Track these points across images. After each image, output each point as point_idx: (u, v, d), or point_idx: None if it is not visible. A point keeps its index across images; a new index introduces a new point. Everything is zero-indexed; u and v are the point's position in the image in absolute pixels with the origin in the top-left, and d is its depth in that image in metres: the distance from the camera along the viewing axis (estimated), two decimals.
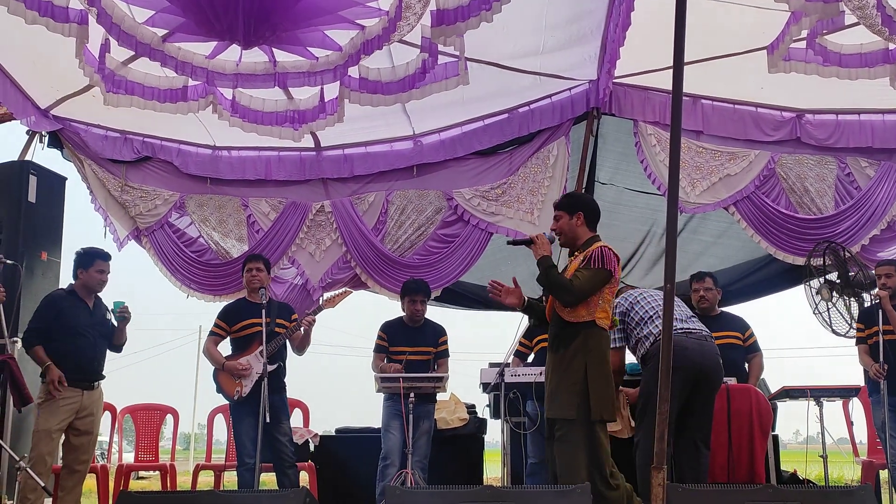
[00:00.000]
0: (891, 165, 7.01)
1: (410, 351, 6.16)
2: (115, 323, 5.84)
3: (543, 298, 6.32)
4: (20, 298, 6.27)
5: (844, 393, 6.05)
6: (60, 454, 5.89)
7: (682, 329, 4.99)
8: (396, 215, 7.55)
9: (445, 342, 6.30)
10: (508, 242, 5.30)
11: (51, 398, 5.51)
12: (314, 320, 6.09)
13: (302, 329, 6.07)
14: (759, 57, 5.78)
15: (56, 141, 7.32)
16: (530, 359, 6.48)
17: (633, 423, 5.47)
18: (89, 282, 5.76)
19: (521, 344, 6.27)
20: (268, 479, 6.45)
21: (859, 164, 7.11)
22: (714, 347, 5.05)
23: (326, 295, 6.81)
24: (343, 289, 6.66)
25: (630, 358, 5.48)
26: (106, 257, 5.83)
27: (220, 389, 5.96)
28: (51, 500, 5.71)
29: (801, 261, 6.94)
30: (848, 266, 6.72)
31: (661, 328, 5.01)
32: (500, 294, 4.90)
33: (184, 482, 8.49)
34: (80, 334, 5.66)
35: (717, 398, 5.22)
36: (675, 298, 5.27)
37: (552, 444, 4.50)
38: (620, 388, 5.54)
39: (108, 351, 5.89)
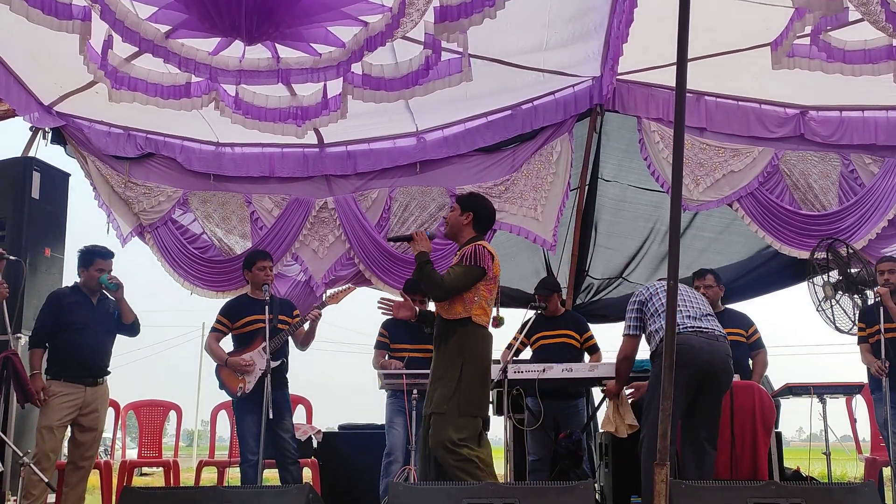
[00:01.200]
0: (894, 162, 6.99)
1: (411, 348, 6.16)
2: (114, 302, 5.81)
3: (537, 298, 6.34)
4: (23, 294, 6.28)
5: (847, 390, 6.04)
6: (65, 450, 5.90)
7: (692, 327, 4.97)
8: (399, 212, 7.55)
9: None
10: (388, 238, 5.31)
11: (52, 395, 5.52)
12: (320, 314, 6.10)
13: (306, 325, 6.08)
14: (763, 53, 5.77)
15: (59, 137, 7.32)
16: (526, 356, 6.49)
17: (629, 422, 5.47)
18: (89, 281, 5.77)
19: (520, 342, 6.27)
20: (271, 476, 6.46)
21: (863, 161, 7.10)
22: (724, 347, 5.01)
23: (330, 291, 6.82)
24: (346, 285, 6.66)
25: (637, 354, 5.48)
26: (106, 255, 5.82)
27: (222, 385, 5.96)
28: (54, 496, 5.73)
29: (805, 254, 6.93)
30: (851, 263, 6.71)
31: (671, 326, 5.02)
32: (392, 310, 5.00)
33: (187, 478, 8.50)
34: (82, 330, 5.66)
35: None
36: (695, 294, 5.27)
37: (428, 442, 4.50)
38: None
39: (116, 343, 5.90)
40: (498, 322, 5.15)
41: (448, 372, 4.48)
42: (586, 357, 6.48)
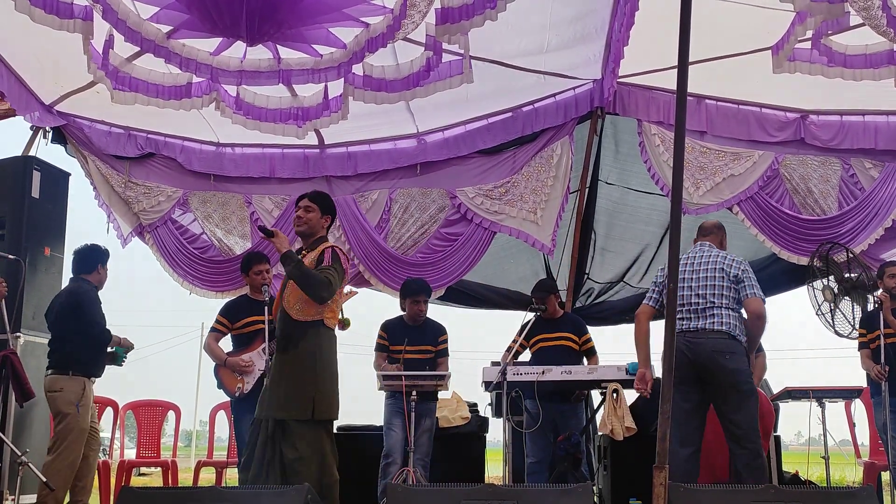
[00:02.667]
0: (895, 167, 7.00)
1: (411, 349, 6.13)
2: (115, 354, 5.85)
3: (534, 300, 6.32)
4: (23, 293, 6.28)
5: (846, 394, 6.04)
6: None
7: (678, 331, 4.94)
8: (399, 213, 7.55)
9: (445, 341, 6.28)
10: (260, 228, 5.19)
11: (86, 395, 5.56)
12: None
13: None
14: (764, 57, 5.77)
15: (60, 136, 7.33)
16: (525, 358, 6.48)
17: (627, 425, 5.47)
18: (104, 278, 5.87)
19: (519, 344, 6.27)
20: None
21: (863, 166, 7.10)
22: (710, 343, 4.89)
23: None
24: (348, 289, 6.65)
25: (629, 357, 5.49)
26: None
27: (221, 385, 5.96)
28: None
29: (804, 260, 6.93)
30: (851, 267, 6.71)
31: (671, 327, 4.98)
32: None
33: (185, 479, 8.50)
34: (103, 329, 5.72)
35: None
36: (704, 278, 5.06)
37: (272, 445, 4.51)
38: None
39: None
40: (344, 324, 5.20)
41: (304, 375, 4.55)
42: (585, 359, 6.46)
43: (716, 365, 4.88)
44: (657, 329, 5.31)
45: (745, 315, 5.01)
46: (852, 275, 6.69)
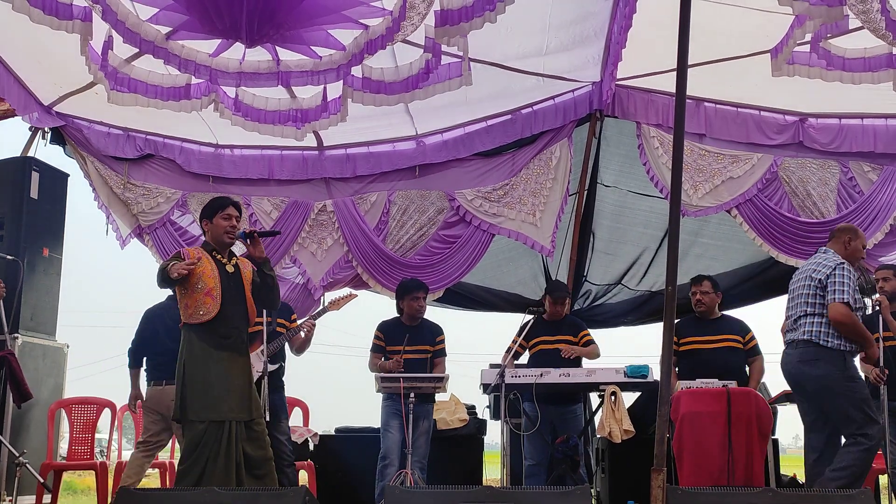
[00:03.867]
0: (893, 170, 7.00)
1: (409, 349, 6.13)
2: None
3: (554, 300, 6.34)
4: (21, 294, 6.28)
5: None
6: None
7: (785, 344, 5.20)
8: (398, 215, 7.54)
9: (443, 341, 6.28)
10: (260, 234, 5.16)
11: None
12: (314, 324, 6.11)
13: (303, 333, 6.08)
14: (763, 60, 5.78)
15: (59, 137, 7.31)
16: (524, 360, 6.48)
17: (625, 427, 5.48)
18: None
19: (518, 345, 6.27)
20: None
21: (862, 169, 7.11)
22: (789, 355, 5.11)
23: (330, 297, 6.81)
24: (348, 292, 6.65)
25: (627, 359, 5.50)
26: None
27: None
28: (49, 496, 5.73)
29: (803, 263, 6.93)
30: None
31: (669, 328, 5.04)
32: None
33: None
34: None
35: (717, 401, 5.26)
36: (800, 288, 5.17)
37: (237, 447, 4.59)
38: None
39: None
40: None
41: (252, 378, 4.81)
42: (584, 361, 6.45)
43: (803, 375, 5.04)
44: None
45: None
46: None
